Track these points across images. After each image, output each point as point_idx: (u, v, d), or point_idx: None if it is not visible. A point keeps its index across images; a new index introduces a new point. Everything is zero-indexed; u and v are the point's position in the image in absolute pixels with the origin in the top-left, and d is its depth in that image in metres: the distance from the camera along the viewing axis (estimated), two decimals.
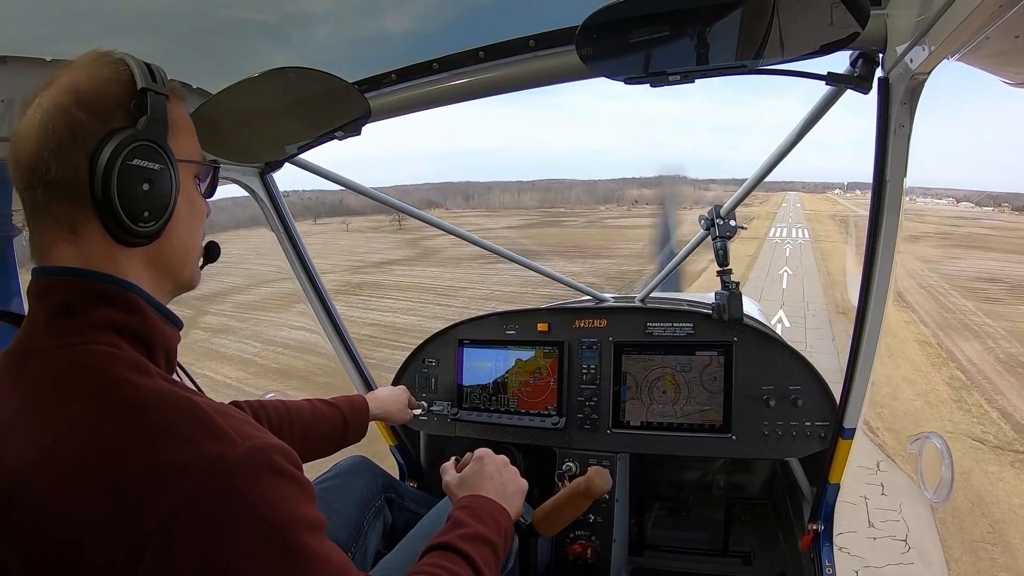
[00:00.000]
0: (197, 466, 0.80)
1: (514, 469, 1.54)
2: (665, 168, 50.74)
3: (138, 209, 0.93)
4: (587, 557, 2.31)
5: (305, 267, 2.51)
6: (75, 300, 0.92)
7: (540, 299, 16.29)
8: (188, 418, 0.85)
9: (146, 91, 0.95)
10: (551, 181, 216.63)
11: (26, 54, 1.41)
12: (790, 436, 2.24)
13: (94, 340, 0.90)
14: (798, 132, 1.87)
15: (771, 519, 2.85)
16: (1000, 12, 0.92)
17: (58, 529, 0.79)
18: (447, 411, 2.65)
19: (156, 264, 1.01)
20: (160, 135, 0.96)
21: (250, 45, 1.72)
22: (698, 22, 1.31)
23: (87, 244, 0.93)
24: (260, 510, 0.82)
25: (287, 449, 0.91)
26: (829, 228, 59.44)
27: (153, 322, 0.98)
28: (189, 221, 1.06)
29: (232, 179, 2.19)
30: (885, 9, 1.37)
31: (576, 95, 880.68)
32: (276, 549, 0.82)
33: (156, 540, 0.77)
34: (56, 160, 0.89)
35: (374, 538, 1.97)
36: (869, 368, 1.91)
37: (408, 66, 1.84)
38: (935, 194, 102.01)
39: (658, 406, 2.41)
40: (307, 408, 1.87)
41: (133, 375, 0.87)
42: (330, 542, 0.91)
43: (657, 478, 3.00)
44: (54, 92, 0.92)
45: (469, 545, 1.20)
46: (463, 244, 2.72)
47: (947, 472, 1.85)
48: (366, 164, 77.74)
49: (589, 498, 1.48)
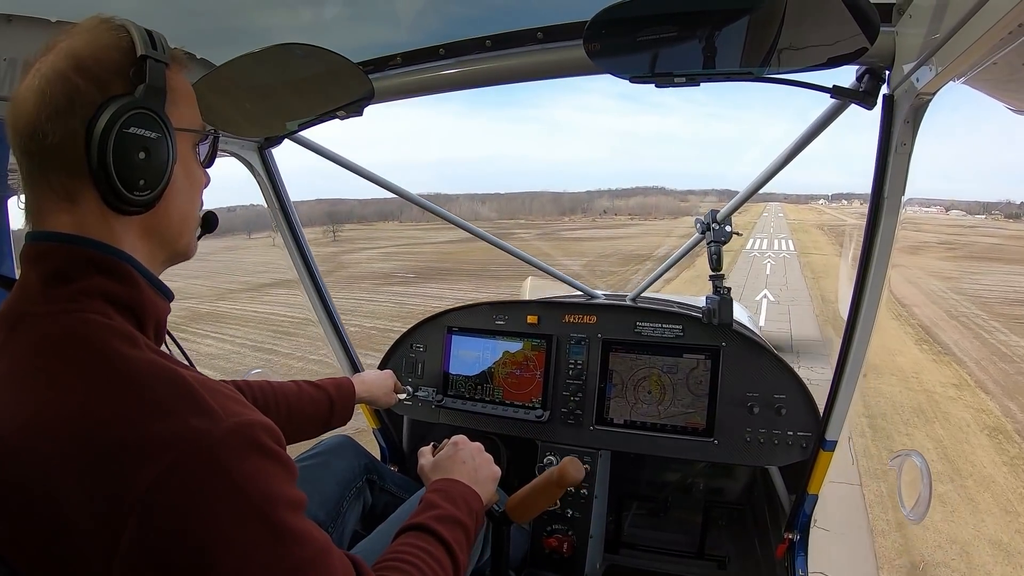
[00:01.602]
0: (182, 440, 0.80)
1: (488, 456, 1.56)
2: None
3: (134, 178, 0.92)
4: (563, 551, 2.33)
5: (299, 245, 2.51)
6: (68, 267, 0.91)
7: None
8: (175, 392, 0.84)
9: (145, 58, 0.93)
10: (522, 194, 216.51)
11: (31, 14, 1.39)
12: (772, 444, 2.25)
13: (86, 308, 0.89)
14: (799, 144, 1.88)
15: (748, 525, 2.87)
16: (1010, 39, 0.92)
17: (42, 495, 0.79)
18: (432, 397, 2.65)
19: (152, 233, 1.00)
20: (158, 103, 0.95)
21: (259, 18, 1.71)
22: (707, 26, 1.31)
23: (83, 212, 0.93)
24: (242, 486, 0.82)
25: (272, 427, 0.91)
26: (817, 239, 55.51)
27: (145, 293, 0.97)
28: (187, 191, 1.06)
29: (231, 152, 2.18)
30: (895, 27, 1.37)
31: (556, 108, 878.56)
32: (256, 526, 0.82)
33: (137, 512, 0.77)
34: (53, 126, 0.88)
35: (352, 518, 1.97)
36: (855, 381, 1.93)
37: (414, 50, 1.83)
38: (920, 202, 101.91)
39: (643, 406, 2.42)
40: (293, 388, 1.86)
41: (123, 346, 0.87)
42: (311, 521, 0.91)
43: (637, 477, 3.01)
44: (53, 57, 0.91)
45: (442, 526, 1.22)
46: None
47: (925, 490, 1.87)
48: (331, 175, 78.90)
49: (562, 487, 1.49)
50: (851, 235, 45.50)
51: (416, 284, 28.39)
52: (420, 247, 54.41)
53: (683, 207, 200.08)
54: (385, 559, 1.12)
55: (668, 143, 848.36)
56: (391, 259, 43.12)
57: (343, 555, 0.96)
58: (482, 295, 23.80)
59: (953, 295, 23.04)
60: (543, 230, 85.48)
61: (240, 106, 1.78)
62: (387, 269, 36.07)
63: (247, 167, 2.28)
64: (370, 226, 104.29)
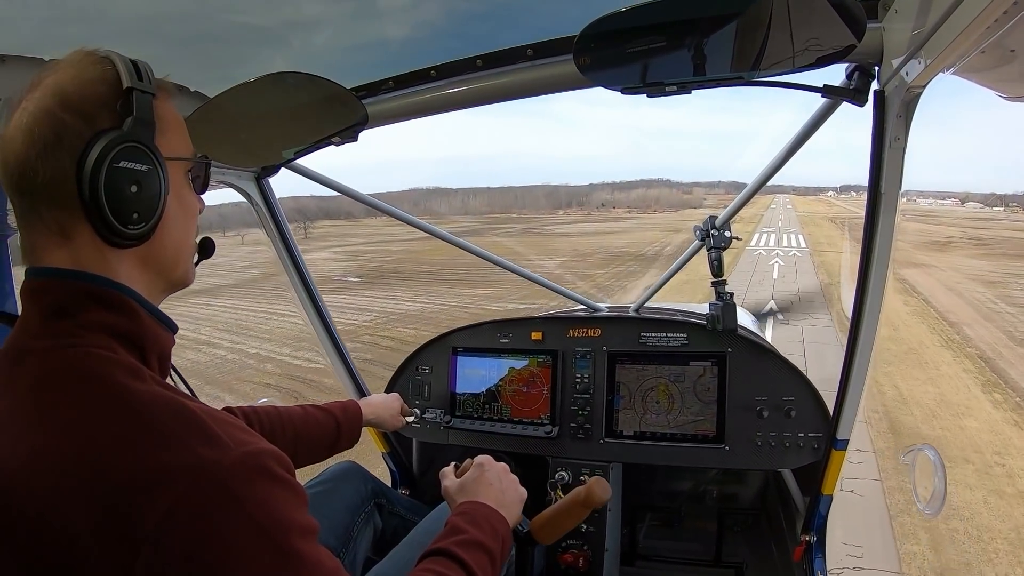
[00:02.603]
0: (191, 471, 0.80)
1: (513, 477, 1.54)
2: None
3: (127, 211, 0.92)
4: (579, 566, 2.30)
5: (299, 272, 2.51)
6: (67, 301, 0.91)
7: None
8: (183, 423, 0.84)
9: (132, 90, 0.93)
10: (517, 188, 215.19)
11: (25, 54, 1.40)
12: (783, 447, 2.24)
13: (88, 343, 0.89)
14: (794, 143, 1.88)
15: (764, 530, 2.84)
16: (995, 27, 0.93)
17: (52, 529, 0.79)
18: (440, 419, 2.64)
19: (148, 264, 1.00)
20: (147, 135, 0.95)
21: (249, 50, 1.72)
22: (696, 33, 1.32)
23: (78, 247, 0.93)
24: (253, 514, 0.82)
25: (280, 454, 0.91)
26: (831, 233, 51.16)
27: (146, 325, 0.97)
28: (181, 219, 1.05)
29: (228, 183, 2.19)
30: (881, 22, 1.39)
31: (558, 103, 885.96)
32: (269, 553, 0.82)
33: (150, 544, 0.76)
34: (43, 164, 0.88)
35: (364, 544, 1.96)
36: (863, 379, 1.92)
37: (406, 73, 1.84)
38: (935, 195, 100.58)
39: (651, 416, 2.41)
40: (299, 413, 1.86)
41: (128, 380, 0.87)
42: (322, 547, 0.91)
43: (650, 488, 2.99)
44: (39, 94, 0.91)
45: (465, 551, 1.19)
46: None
47: (940, 484, 1.85)
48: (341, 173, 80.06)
49: (588, 508, 1.47)
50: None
51: (351, 291, 26.06)
52: (389, 245, 52.06)
53: (686, 199, 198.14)
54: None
55: (675, 136, 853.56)
56: (347, 259, 40.89)
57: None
58: (417, 307, 22.71)
59: (1007, 307, 18.50)
60: (530, 225, 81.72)
61: (236, 137, 1.79)
62: (333, 272, 33.60)
63: (245, 197, 2.29)
64: (355, 222, 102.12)
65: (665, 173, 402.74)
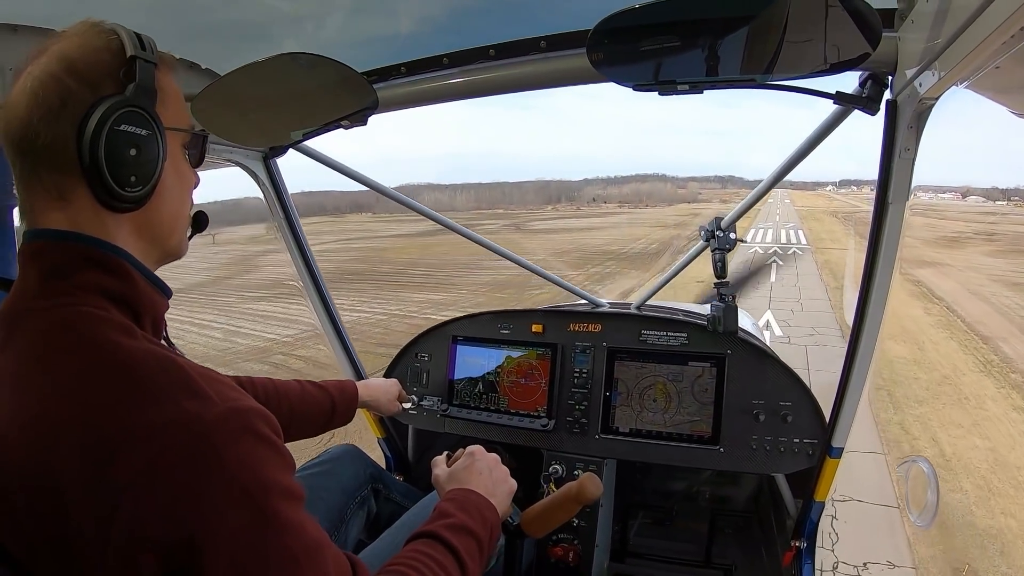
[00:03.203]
0: (175, 423, 0.81)
1: (504, 468, 1.54)
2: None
3: (125, 174, 0.94)
4: (569, 560, 2.31)
5: (303, 254, 2.52)
6: (65, 263, 0.93)
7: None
8: (170, 377, 0.86)
9: (135, 59, 0.96)
10: (504, 183, 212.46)
11: (35, 24, 1.40)
12: (778, 452, 2.24)
13: (83, 302, 0.91)
14: (804, 149, 1.88)
15: (755, 533, 2.85)
16: (1012, 42, 0.92)
17: (44, 487, 0.80)
18: (437, 407, 2.65)
19: (144, 231, 1.02)
20: (148, 102, 0.97)
21: (263, 30, 1.72)
22: (710, 33, 1.31)
23: (76, 210, 0.95)
24: (234, 471, 0.83)
25: (268, 415, 0.92)
26: (833, 228, 47.64)
27: (140, 287, 0.99)
28: (177, 189, 1.08)
29: (235, 162, 2.19)
30: (897, 32, 1.38)
31: (557, 97, 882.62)
32: (248, 512, 0.83)
33: (131, 495, 0.78)
34: (45, 127, 0.90)
35: (356, 527, 1.98)
36: (860, 388, 1.92)
37: (418, 60, 1.84)
38: (935, 189, 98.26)
39: (648, 414, 2.41)
40: (296, 388, 1.89)
41: (119, 336, 0.89)
42: (308, 515, 0.91)
43: (643, 486, 3.00)
44: (45, 60, 0.93)
45: (453, 535, 1.20)
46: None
47: (932, 496, 1.85)
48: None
49: (580, 503, 1.48)
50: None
51: (294, 298, 20.93)
52: (361, 243, 47.60)
53: (681, 194, 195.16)
54: (389, 564, 1.12)
55: (671, 132, 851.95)
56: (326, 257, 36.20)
57: (340, 553, 0.96)
58: (352, 317, 18.66)
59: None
60: (513, 220, 77.36)
61: (245, 116, 1.79)
62: (286, 275, 29.51)
63: (252, 177, 2.29)
64: (341, 218, 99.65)
65: (661, 168, 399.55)
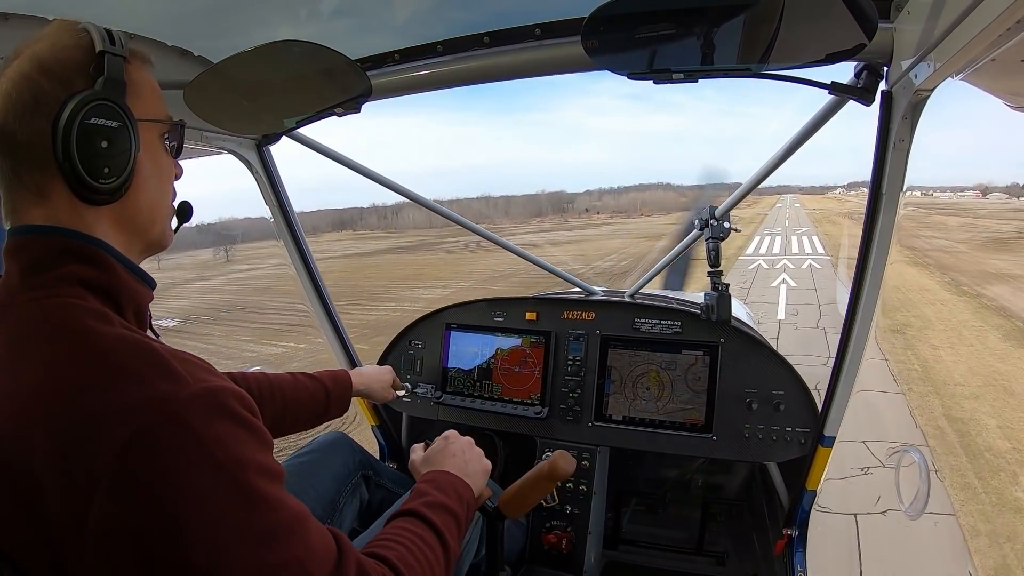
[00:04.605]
0: (149, 404, 0.82)
1: (479, 450, 1.58)
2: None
3: (99, 165, 0.95)
4: (562, 547, 2.33)
5: (297, 242, 2.51)
6: (45, 256, 0.94)
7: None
8: (144, 360, 0.87)
9: (104, 53, 0.97)
10: (496, 197, 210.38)
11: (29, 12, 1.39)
12: (770, 440, 2.26)
13: (62, 293, 0.93)
14: (799, 139, 1.87)
15: (747, 521, 2.88)
16: (1008, 35, 0.92)
17: (21, 474, 0.81)
18: (431, 394, 2.66)
19: (124, 223, 1.03)
20: (117, 94, 0.98)
21: (257, 18, 1.70)
22: (705, 22, 1.30)
23: (54, 206, 0.96)
24: (211, 449, 0.83)
25: (242, 394, 0.92)
26: (855, 232, 23.19)
27: (121, 278, 1.00)
28: (155, 180, 1.08)
29: (228, 150, 2.18)
30: (893, 23, 1.37)
31: (561, 111, 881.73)
32: (227, 489, 0.83)
33: (107, 478, 0.78)
34: (21, 126, 0.92)
35: (349, 514, 1.98)
36: (853, 378, 1.93)
37: (412, 47, 1.82)
38: (953, 188, 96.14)
39: (641, 402, 2.42)
40: (289, 380, 1.89)
41: (95, 322, 0.90)
42: (288, 492, 0.92)
43: (636, 474, 3.02)
44: (18, 62, 0.95)
45: (431, 511, 1.25)
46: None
47: (924, 486, 1.87)
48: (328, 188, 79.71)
49: (553, 481, 1.50)
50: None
51: (199, 334, 19.39)
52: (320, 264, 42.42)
53: (683, 202, 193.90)
54: (373, 542, 1.14)
55: (678, 141, 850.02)
56: (244, 284, 32.10)
57: (323, 528, 0.97)
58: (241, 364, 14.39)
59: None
60: (477, 238, 72.77)
61: (238, 103, 1.78)
62: (212, 303, 26.34)
63: (245, 165, 2.28)
64: (315, 238, 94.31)
65: (666, 177, 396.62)
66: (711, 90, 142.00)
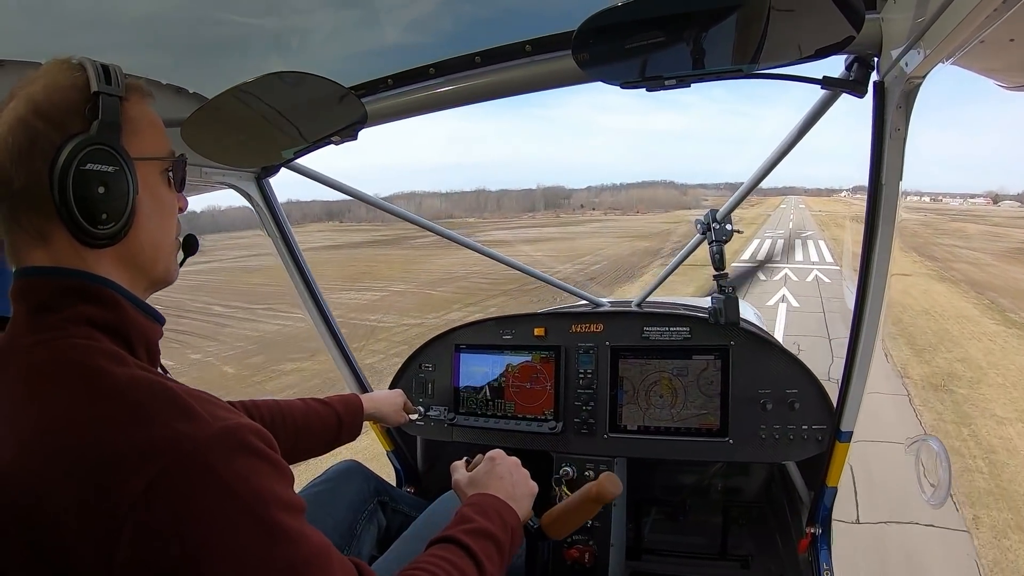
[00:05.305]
0: (169, 446, 0.81)
1: (525, 472, 1.55)
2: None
3: (96, 212, 0.94)
4: (585, 562, 2.31)
5: (301, 271, 2.51)
6: (52, 298, 0.94)
7: None
8: (161, 401, 0.86)
9: (99, 94, 0.96)
10: (490, 192, 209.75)
11: (23, 59, 1.40)
12: (787, 440, 2.24)
13: (72, 334, 0.92)
14: (794, 136, 1.88)
15: (769, 522, 2.85)
16: (995, 16, 0.93)
17: (39, 517, 0.80)
18: (444, 416, 2.65)
19: (127, 262, 1.02)
20: (113, 137, 0.98)
21: (248, 51, 1.72)
22: (694, 27, 1.31)
23: (56, 249, 0.96)
24: (232, 487, 0.83)
25: (260, 430, 0.92)
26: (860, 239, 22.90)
27: (130, 316, 0.99)
28: (157, 218, 1.07)
29: (229, 184, 2.19)
30: (880, 13, 1.38)
31: (566, 107, 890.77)
32: (249, 526, 0.83)
33: (131, 521, 0.78)
34: (18, 170, 0.92)
35: (368, 541, 1.97)
36: (866, 371, 1.92)
37: (404, 71, 1.84)
38: (963, 196, 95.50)
39: (655, 410, 2.41)
40: (300, 407, 1.88)
41: (108, 364, 0.89)
42: (310, 525, 0.92)
43: (654, 482, 3.00)
44: (14, 104, 0.94)
45: (472, 539, 1.21)
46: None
47: (944, 474, 1.85)
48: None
49: (599, 503, 1.49)
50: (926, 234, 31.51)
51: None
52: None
53: (683, 200, 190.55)
54: (407, 569, 1.12)
55: (683, 139, 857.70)
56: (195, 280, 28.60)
57: (345, 559, 0.96)
58: None
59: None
60: (461, 231, 72.47)
61: (235, 137, 1.79)
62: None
63: (245, 198, 2.29)
64: (300, 228, 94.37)
65: (669, 175, 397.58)
66: (721, 90, 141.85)
